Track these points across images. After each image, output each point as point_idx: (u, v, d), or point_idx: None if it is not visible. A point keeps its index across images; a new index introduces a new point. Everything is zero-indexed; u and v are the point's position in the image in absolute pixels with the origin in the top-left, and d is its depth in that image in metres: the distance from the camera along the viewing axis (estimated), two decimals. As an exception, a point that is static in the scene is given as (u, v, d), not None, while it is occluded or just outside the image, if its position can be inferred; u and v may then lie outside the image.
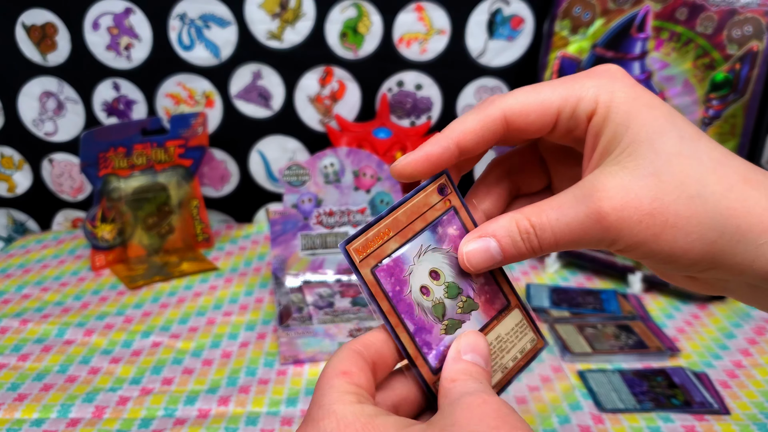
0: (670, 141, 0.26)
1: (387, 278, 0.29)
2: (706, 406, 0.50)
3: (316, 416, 0.26)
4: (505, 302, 0.32)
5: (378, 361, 0.29)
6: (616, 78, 0.27)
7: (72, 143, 0.85)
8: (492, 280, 0.32)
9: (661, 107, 0.27)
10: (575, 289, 0.69)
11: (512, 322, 0.32)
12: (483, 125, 0.28)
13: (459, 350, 0.29)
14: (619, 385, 0.53)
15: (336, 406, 0.26)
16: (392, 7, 0.79)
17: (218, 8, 0.78)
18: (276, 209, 0.67)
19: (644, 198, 0.26)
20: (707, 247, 0.26)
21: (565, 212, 0.27)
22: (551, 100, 0.28)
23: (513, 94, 0.28)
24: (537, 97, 0.28)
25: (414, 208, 0.30)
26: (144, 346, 0.60)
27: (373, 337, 0.29)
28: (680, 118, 0.27)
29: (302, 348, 0.57)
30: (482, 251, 0.29)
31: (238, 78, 0.82)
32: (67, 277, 0.74)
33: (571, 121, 0.28)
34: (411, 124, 0.84)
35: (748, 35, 0.63)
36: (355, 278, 0.29)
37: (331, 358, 0.28)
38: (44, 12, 0.79)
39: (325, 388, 0.27)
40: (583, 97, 0.27)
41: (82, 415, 0.50)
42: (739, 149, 0.63)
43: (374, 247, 0.29)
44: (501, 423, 0.25)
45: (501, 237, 0.28)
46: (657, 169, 0.26)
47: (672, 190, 0.26)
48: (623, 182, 0.26)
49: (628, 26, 0.70)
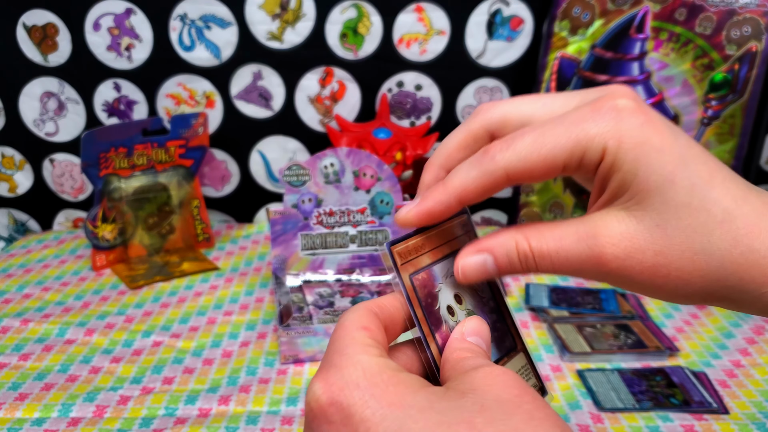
0: (680, 191, 0.25)
1: (421, 288, 0.29)
2: (705, 405, 0.51)
3: (340, 364, 0.26)
4: (512, 344, 0.32)
5: (389, 326, 0.29)
6: (623, 117, 0.26)
7: (73, 143, 0.85)
8: (502, 319, 0.33)
9: (671, 149, 0.25)
10: (574, 288, 0.69)
11: (519, 364, 0.32)
12: (483, 183, 0.27)
13: (463, 332, 0.29)
14: (618, 384, 0.53)
15: (361, 357, 0.26)
16: (392, 7, 0.79)
17: (219, 9, 0.79)
18: (276, 209, 0.68)
19: (648, 251, 0.26)
20: (708, 294, 0.26)
21: (566, 247, 0.27)
22: (555, 155, 0.26)
23: (514, 145, 0.27)
24: (540, 153, 0.26)
25: (443, 233, 0.31)
26: (145, 345, 0.60)
27: (386, 301, 0.29)
28: (693, 159, 0.26)
29: (302, 347, 0.58)
30: (478, 266, 0.29)
31: (238, 78, 0.82)
32: (68, 277, 0.74)
33: (577, 170, 0.27)
34: (411, 124, 0.84)
35: (746, 36, 0.63)
36: (390, 278, 0.30)
37: (347, 314, 0.28)
38: (45, 12, 0.79)
39: (347, 339, 0.27)
40: (589, 147, 0.26)
41: (83, 414, 0.50)
42: (738, 149, 0.64)
43: (412, 257, 0.30)
44: (524, 392, 0.24)
45: (498, 255, 0.28)
46: (664, 221, 0.25)
47: (677, 245, 0.25)
48: (629, 230, 0.26)
49: (627, 27, 0.70)
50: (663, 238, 0.25)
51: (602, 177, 0.27)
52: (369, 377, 0.25)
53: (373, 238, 0.69)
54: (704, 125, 0.65)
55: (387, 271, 0.29)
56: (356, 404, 0.24)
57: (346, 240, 0.69)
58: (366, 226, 0.69)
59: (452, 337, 0.29)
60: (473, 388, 0.25)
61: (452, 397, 0.24)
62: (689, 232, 0.25)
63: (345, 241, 0.69)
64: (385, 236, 0.69)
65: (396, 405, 0.24)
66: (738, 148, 0.63)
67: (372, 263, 0.70)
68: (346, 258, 0.70)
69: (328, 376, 0.26)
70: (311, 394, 0.26)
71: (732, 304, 0.27)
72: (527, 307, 0.66)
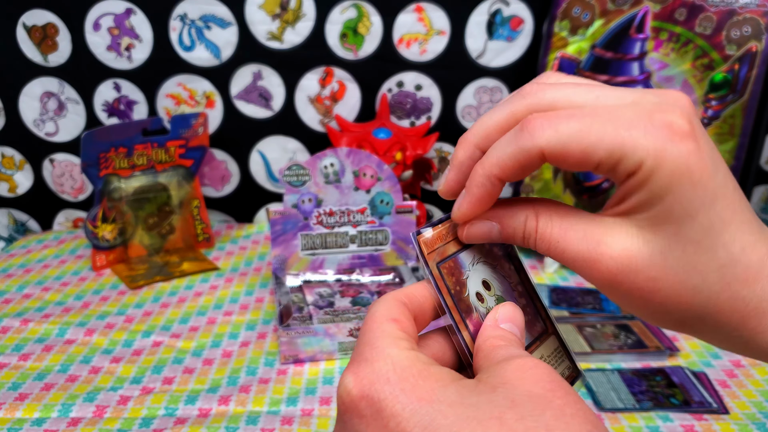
0: (697, 229, 0.25)
1: (449, 276, 0.29)
2: (705, 405, 0.51)
3: (370, 357, 0.26)
4: (543, 327, 0.32)
5: (418, 315, 0.29)
6: (673, 139, 0.25)
7: (73, 143, 0.85)
8: (532, 303, 0.32)
9: (706, 186, 0.25)
10: (574, 288, 0.69)
11: (551, 347, 0.32)
12: (520, 161, 0.27)
13: (496, 319, 0.29)
14: (619, 384, 0.54)
15: (391, 350, 0.26)
16: (392, 7, 0.79)
17: (219, 9, 0.79)
18: (276, 209, 0.68)
19: (642, 274, 0.26)
20: (681, 323, 0.27)
21: (567, 240, 0.27)
22: (595, 150, 0.25)
23: (557, 127, 0.26)
24: (581, 143, 0.25)
25: None
26: (145, 345, 0.60)
27: (415, 290, 0.29)
28: (722, 198, 0.25)
29: (302, 347, 0.58)
30: (484, 232, 0.29)
31: (238, 78, 0.82)
32: (68, 277, 0.74)
33: (609, 172, 0.26)
34: (411, 124, 0.84)
35: (746, 36, 0.63)
36: (421, 269, 0.30)
37: (376, 305, 0.28)
38: (45, 12, 0.79)
39: (377, 332, 0.27)
40: (627, 156, 0.25)
41: (83, 414, 0.50)
42: (737, 149, 0.64)
43: (438, 246, 0.30)
44: (556, 387, 0.24)
45: (506, 226, 0.29)
46: (669, 251, 0.25)
47: (672, 277, 0.26)
48: (632, 249, 0.26)
49: (627, 27, 0.70)
50: (662, 266, 0.26)
51: (629, 188, 0.26)
52: (399, 371, 0.25)
53: (373, 238, 0.69)
54: (704, 125, 0.65)
55: (416, 261, 0.30)
56: (387, 399, 0.24)
57: (346, 240, 0.69)
58: (366, 226, 0.69)
59: (485, 324, 0.29)
60: (504, 381, 0.24)
61: (483, 391, 0.24)
62: (689, 268, 0.25)
63: (345, 241, 0.69)
64: (385, 236, 0.69)
65: (426, 400, 0.24)
66: (738, 148, 0.63)
67: (372, 263, 0.70)
68: (346, 258, 0.70)
69: (358, 370, 0.26)
70: (343, 387, 0.26)
71: (702, 336, 0.28)
72: (527, 307, 0.66)
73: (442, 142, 0.85)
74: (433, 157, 0.85)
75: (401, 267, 0.70)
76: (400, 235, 0.69)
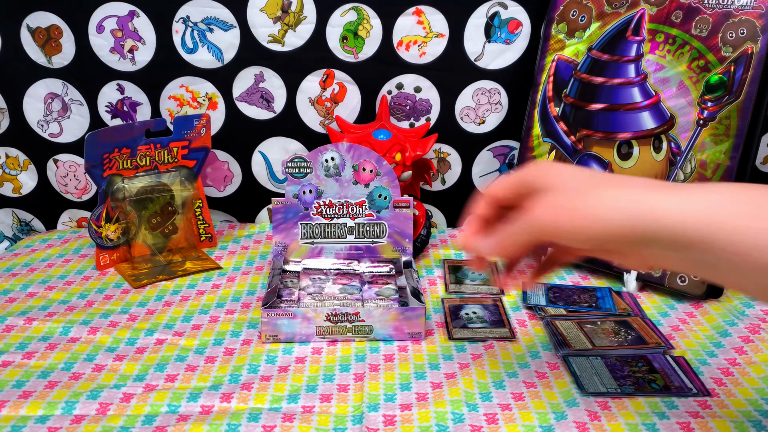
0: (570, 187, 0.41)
1: None
2: (685, 390, 0.52)
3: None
4: None
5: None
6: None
7: (77, 144, 0.86)
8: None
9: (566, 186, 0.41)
10: (571, 287, 0.70)
11: None
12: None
13: None
14: (601, 369, 0.55)
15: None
16: (392, 10, 0.80)
17: (221, 12, 0.79)
18: (279, 200, 0.70)
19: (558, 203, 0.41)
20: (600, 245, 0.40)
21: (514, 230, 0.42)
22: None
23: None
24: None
25: None
26: (148, 343, 0.61)
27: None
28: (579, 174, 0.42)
29: (282, 329, 0.60)
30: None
31: (240, 80, 0.83)
32: (72, 276, 0.75)
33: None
34: (410, 125, 0.85)
35: (742, 37, 0.64)
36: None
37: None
38: (49, 15, 0.80)
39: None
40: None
41: (87, 411, 0.51)
42: (733, 150, 0.64)
43: None
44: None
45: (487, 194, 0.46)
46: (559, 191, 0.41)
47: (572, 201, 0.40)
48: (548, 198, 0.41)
49: (623, 29, 0.71)
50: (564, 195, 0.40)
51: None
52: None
53: (370, 230, 0.71)
54: (700, 126, 0.66)
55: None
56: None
57: (344, 231, 0.71)
58: (364, 218, 0.70)
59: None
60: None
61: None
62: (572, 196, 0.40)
63: (343, 232, 0.71)
64: (382, 229, 0.70)
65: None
66: (733, 148, 0.64)
67: (369, 254, 0.72)
68: (343, 248, 0.71)
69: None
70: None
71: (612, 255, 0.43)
72: (524, 306, 0.67)
73: (441, 143, 0.85)
74: (432, 158, 0.86)
75: (397, 261, 0.72)
76: (396, 229, 0.71)
